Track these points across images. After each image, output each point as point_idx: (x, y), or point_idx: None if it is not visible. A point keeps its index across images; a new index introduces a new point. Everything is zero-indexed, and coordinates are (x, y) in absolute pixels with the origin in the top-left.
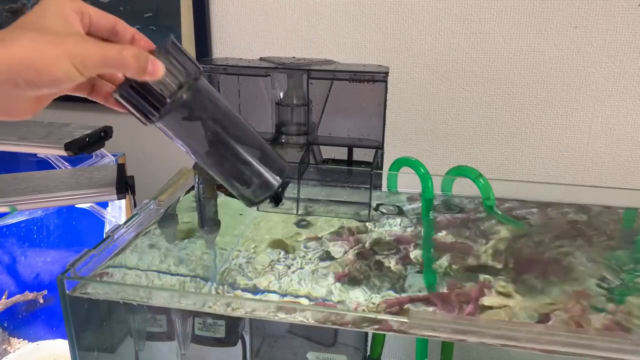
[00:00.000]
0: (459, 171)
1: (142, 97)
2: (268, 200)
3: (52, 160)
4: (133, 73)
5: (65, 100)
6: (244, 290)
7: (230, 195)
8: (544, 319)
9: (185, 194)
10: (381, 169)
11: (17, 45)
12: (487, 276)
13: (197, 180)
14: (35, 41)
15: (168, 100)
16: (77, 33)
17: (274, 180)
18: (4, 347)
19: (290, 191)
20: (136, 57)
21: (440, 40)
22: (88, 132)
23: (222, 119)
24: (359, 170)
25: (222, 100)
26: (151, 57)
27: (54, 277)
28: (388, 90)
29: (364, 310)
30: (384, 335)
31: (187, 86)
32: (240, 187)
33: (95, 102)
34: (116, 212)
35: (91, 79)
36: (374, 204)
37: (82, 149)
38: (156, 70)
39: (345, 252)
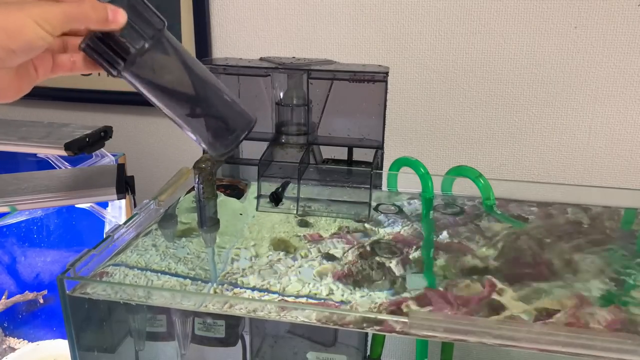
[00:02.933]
0: (459, 171)
1: (107, 46)
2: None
3: (52, 160)
4: (95, 24)
5: (65, 100)
6: (243, 289)
7: (231, 195)
8: (544, 319)
9: (186, 194)
10: (381, 169)
11: None
12: (487, 276)
13: (197, 180)
14: None
15: (132, 50)
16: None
17: (240, 130)
18: (3, 347)
19: (290, 191)
20: (94, 7)
21: (440, 40)
22: (88, 132)
23: (187, 69)
24: (359, 170)
25: (187, 53)
26: (110, 6)
27: (54, 277)
28: (388, 90)
29: (364, 310)
30: (384, 335)
31: (151, 36)
32: (209, 138)
33: (95, 102)
34: (116, 212)
35: (63, 43)
36: (374, 204)
37: (82, 149)
38: (117, 19)
39: (345, 252)
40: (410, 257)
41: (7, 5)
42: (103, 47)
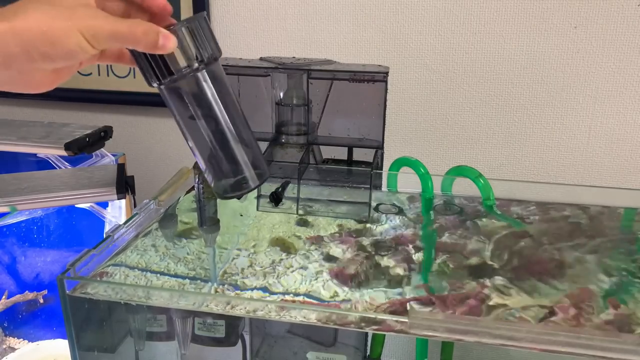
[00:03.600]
0: (459, 171)
1: (150, 60)
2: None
3: (52, 160)
4: (143, 47)
5: (66, 100)
6: (243, 289)
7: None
8: (544, 318)
9: (185, 194)
10: (381, 169)
11: (30, 18)
12: (487, 276)
13: (197, 180)
14: (46, 14)
15: (172, 73)
16: (88, 5)
17: (252, 181)
18: (3, 347)
19: (290, 191)
20: (146, 33)
21: (440, 40)
22: (88, 132)
23: (224, 107)
24: (359, 170)
25: (230, 92)
26: (162, 32)
27: (54, 277)
28: (388, 90)
29: (364, 310)
30: (384, 335)
31: (198, 65)
32: (219, 176)
33: (95, 102)
34: (116, 212)
35: None
36: (374, 204)
37: (82, 149)
38: (167, 45)
39: (345, 252)
40: (410, 257)
41: (58, 9)
42: (145, 60)
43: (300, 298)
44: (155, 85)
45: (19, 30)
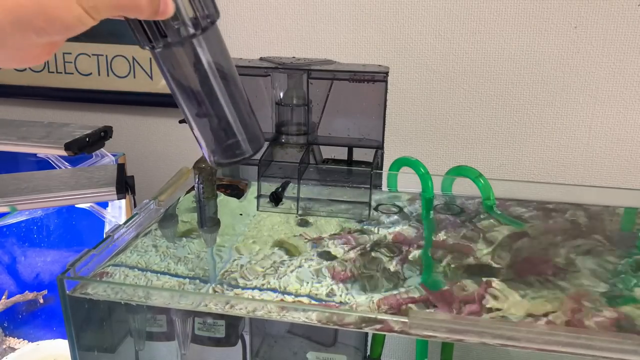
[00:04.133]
0: (459, 171)
1: (141, 24)
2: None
3: (52, 160)
4: (146, 16)
5: (65, 100)
6: (243, 289)
7: (231, 195)
8: (543, 319)
9: (185, 194)
10: (381, 169)
11: None
12: (487, 276)
13: (197, 180)
14: None
15: (168, 37)
16: None
17: (246, 147)
18: (3, 347)
19: (290, 191)
20: (149, 1)
21: (440, 40)
22: (88, 132)
23: (220, 71)
24: (359, 170)
25: (227, 56)
26: None
27: (54, 277)
28: (388, 90)
29: (364, 310)
30: (384, 335)
31: (194, 28)
32: (211, 142)
33: (95, 102)
34: (116, 212)
35: None
36: (374, 204)
37: (82, 149)
38: (168, 10)
39: (345, 252)
40: (410, 257)
41: None
42: (138, 23)
43: (300, 298)
44: (147, 48)
45: (14, 6)
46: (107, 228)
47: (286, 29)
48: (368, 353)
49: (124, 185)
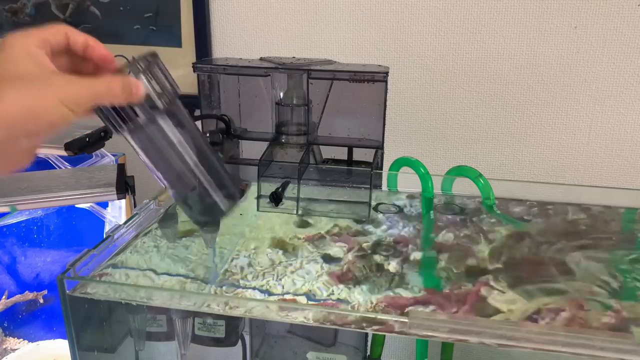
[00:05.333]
0: (459, 171)
1: (113, 109)
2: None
3: (52, 160)
4: (122, 100)
5: None
6: (244, 289)
7: None
8: (544, 319)
9: None
10: (381, 169)
11: (9, 100)
12: (487, 276)
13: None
14: (23, 91)
15: (138, 119)
16: (55, 72)
17: (223, 205)
18: (3, 347)
19: (290, 191)
20: (123, 88)
21: (440, 40)
22: (88, 132)
23: (187, 144)
24: (359, 170)
25: (194, 128)
26: (134, 82)
27: (54, 277)
28: (388, 90)
29: (364, 310)
30: (384, 335)
31: (161, 106)
32: (189, 208)
33: None
34: (116, 212)
35: None
36: (374, 204)
37: (82, 149)
38: (139, 94)
39: (345, 252)
40: (410, 257)
41: (34, 84)
42: (112, 110)
43: (300, 298)
44: (122, 131)
45: (2, 118)
46: (107, 228)
47: (286, 29)
48: (368, 353)
49: (124, 185)
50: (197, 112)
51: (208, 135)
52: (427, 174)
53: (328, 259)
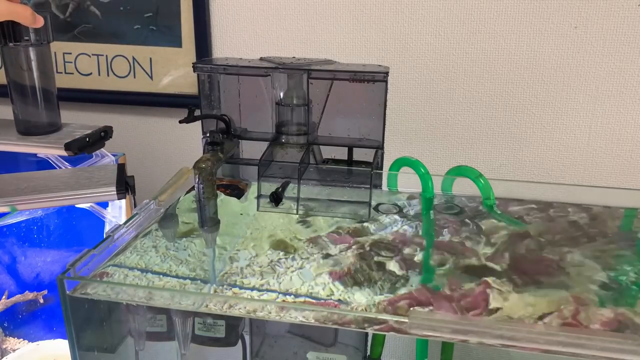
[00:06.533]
0: (459, 171)
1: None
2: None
3: (52, 160)
4: (29, 23)
5: (66, 100)
6: (243, 289)
7: (231, 195)
8: (544, 319)
9: (186, 194)
10: (381, 169)
11: None
12: (487, 276)
13: (197, 180)
14: None
15: (32, 38)
16: None
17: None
18: (3, 347)
19: (290, 191)
20: (33, 14)
21: (440, 40)
22: (88, 132)
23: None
24: (359, 170)
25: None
26: (35, 14)
27: (54, 277)
28: (388, 90)
29: (364, 310)
30: (384, 335)
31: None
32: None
33: (95, 102)
34: (116, 212)
35: None
36: (374, 204)
37: (82, 149)
38: (39, 22)
39: (345, 252)
40: (410, 257)
41: None
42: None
43: (300, 298)
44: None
45: None
46: (107, 228)
47: (286, 29)
48: (368, 353)
49: (124, 185)
50: (197, 112)
51: (208, 135)
52: (427, 174)
53: (328, 258)
